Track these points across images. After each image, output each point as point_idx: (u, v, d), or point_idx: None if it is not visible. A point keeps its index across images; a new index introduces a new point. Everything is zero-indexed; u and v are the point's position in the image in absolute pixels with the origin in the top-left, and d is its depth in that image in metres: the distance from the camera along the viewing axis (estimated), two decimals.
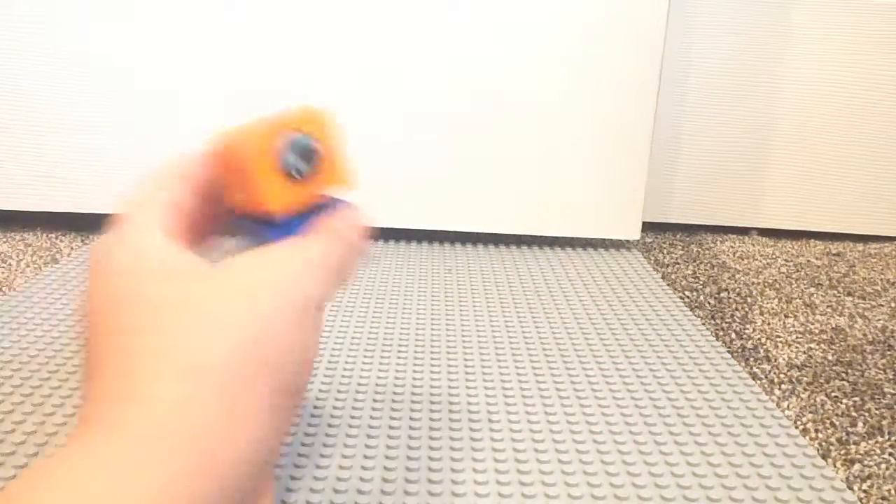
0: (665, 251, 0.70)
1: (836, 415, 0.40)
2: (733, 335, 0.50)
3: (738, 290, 0.59)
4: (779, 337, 0.50)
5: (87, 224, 0.67)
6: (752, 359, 0.47)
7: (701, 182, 0.75)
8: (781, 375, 0.44)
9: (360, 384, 0.40)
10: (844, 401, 0.42)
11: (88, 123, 0.63)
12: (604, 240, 0.69)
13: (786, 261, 0.68)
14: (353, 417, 0.36)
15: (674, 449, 0.35)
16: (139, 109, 0.62)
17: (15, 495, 0.15)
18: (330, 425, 0.35)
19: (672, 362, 0.44)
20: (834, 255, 0.70)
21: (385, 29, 0.61)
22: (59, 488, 0.15)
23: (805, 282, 0.62)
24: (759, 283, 0.61)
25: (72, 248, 0.62)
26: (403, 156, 0.64)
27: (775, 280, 0.62)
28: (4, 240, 0.64)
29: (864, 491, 0.33)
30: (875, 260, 0.69)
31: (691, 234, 0.76)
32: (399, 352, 0.44)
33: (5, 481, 0.31)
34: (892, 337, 0.51)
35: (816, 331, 0.52)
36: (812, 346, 0.49)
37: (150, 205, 0.22)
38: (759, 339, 0.50)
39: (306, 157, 0.23)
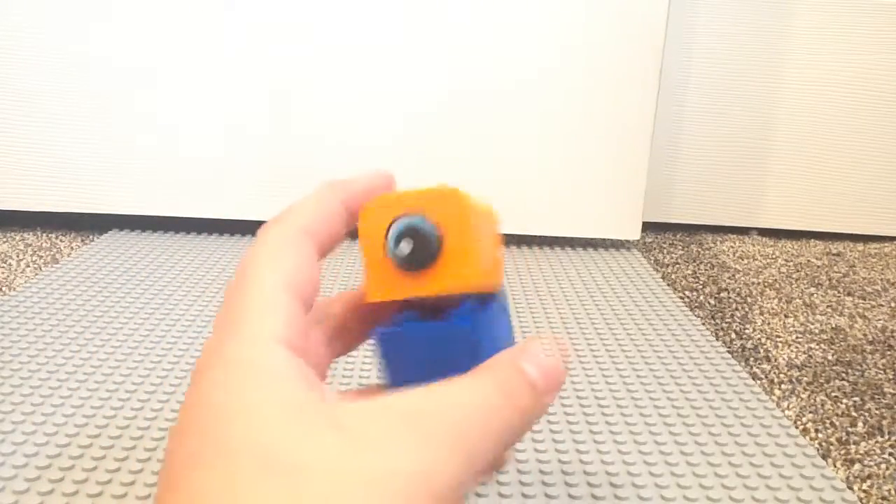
0: (665, 251, 0.70)
1: (836, 415, 0.40)
2: (733, 335, 0.50)
3: (738, 290, 0.59)
4: (779, 337, 0.50)
5: (87, 224, 0.67)
6: (752, 359, 0.47)
7: (701, 182, 0.75)
8: (781, 375, 0.44)
9: (360, 384, 0.40)
10: (844, 401, 0.42)
11: (88, 124, 0.63)
12: (604, 240, 0.69)
13: (786, 261, 0.68)
14: None
15: (674, 449, 0.35)
16: (140, 110, 0.62)
17: None
18: None
19: (672, 362, 0.44)
20: (834, 255, 0.70)
21: (385, 29, 0.61)
22: None
23: (805, 282, 0.62)
24: (759, 283, 0.61)
25: (72, 248, 0.62)
26: (403, 156, 0.64)
27: (775, 280, 0.62)
28: (4, 240, 0.64)
29: (864, 491, 0.33)
30: (875, 260, 0.69)
31: (691, 234, 0.76)
32: None
33: (6, 482, 0.31)
34: (892, 337, 0.51)
35: (816, 331, 0.52)
36: (812, 346, 0.49)
37: (273, 302, 0.17)
38: (759, 339, 0.50)
39: (419, 245, 0.19)
